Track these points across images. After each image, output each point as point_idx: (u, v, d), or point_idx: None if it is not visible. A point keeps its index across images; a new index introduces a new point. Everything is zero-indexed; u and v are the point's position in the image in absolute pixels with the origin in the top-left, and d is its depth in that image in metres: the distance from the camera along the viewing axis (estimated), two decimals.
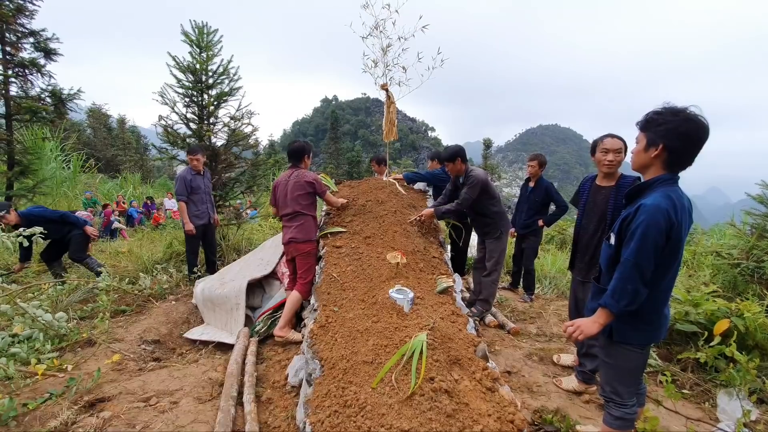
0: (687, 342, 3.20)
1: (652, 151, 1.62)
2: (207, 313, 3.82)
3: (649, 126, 1.64)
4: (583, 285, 2.76)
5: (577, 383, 2.77)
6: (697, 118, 1.55)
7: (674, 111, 1.58)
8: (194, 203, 4.72)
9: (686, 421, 2.47)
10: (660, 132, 1.59)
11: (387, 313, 2.56)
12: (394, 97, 4.52)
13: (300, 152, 3.50)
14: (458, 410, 1.84)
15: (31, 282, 4.30)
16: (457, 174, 3.73)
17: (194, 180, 4.68)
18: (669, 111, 1.59)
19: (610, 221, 2.52)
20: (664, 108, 1.61)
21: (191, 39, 5.74)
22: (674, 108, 1.59)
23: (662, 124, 1.58)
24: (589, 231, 2.68)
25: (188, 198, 4.66)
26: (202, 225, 4.78)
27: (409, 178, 4.48)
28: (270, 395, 2.59)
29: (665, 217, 1.54)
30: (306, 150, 3.54)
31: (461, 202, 3.57)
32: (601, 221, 2.60)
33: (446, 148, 3.81)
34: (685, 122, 1.55)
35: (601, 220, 2.60)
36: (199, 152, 4.77)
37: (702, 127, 1.55)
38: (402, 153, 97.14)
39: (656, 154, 1.61)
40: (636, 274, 1.59)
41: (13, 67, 6.22)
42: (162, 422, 2.28)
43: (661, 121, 1.59)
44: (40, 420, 2.27)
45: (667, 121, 1.57)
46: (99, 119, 30.83)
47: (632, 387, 1.86)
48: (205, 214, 4.81)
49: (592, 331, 1.72)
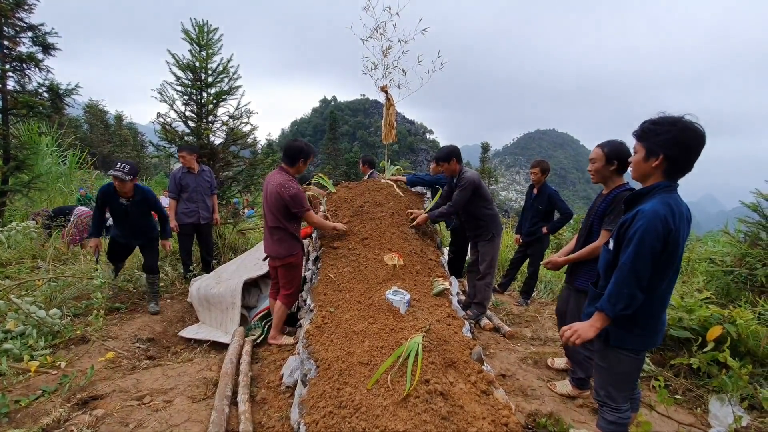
0: (680, 348, 3.22)
1: (652, 161, 1.64)
2: (202, 311, 3.80)
3: (646, 136, 1.66)
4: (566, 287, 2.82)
5: (571, 388, 2.78)
6: (694, 126, 1.58)
7: (672, 121, 1.60)
8: (183, 201, 4.66)
9: (678, 426, 2.49)
10: (659, 142, 1.61)
11: (383, 315, 2.57)
12: (393, 99, 4.54)
13: (295, 153, 3.11)
14: (453, 413, 1.84)
15: (24, 278, 4.27)
16: (451, 174, 3.74)
17: (184, 178, 4.63)
18: (666, 121, 1.61)
19: (590, 227, 2.54)
20: (661, 118, 1.63)
21: (191, 37, 5.74)
22: (671, 118, 1.61)
23: (661, 134, 1.60)
24: (581, 236, 2.70)
25: (178, 196, 4.63)
26: (191, 223, 4.69)
27: (411, 182, 4.48)
28: (264, 395, 2.58)
29: (663, 223, 1.55)
30: (303, 153, 3.13)
31: (453, 204, 3.57)
32: (585, 227, 2.61)
33: (441, 148, 3.79)
34: (683, 131, 1.57)
35: (586, 225, 2.61)
36: (185, 150, 4.64)
37: (700, 135, 1.58)
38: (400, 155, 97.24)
39: (657, 164, 1.63)
40: (632, 278, 1.60)
41: (10, 61, 6.17)
42: (155, 421, 2.27)
43: (659, 132, 1.61)
44: (32, 417, 2.25)
45: (665, 131, 1.59)
46: (96, 115, 30.68)
47: (626, 392, 1.87)
48: (194, 213, 4.70)
49: (588, 335, 1.73)
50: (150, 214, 4.04)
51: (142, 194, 3.80)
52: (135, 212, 3.82)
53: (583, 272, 2.60)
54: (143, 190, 3.83)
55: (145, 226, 3.99)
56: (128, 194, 3.72)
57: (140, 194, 3.80)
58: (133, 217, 3.84)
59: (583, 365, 2.70)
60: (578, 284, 2.63)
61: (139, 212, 3.85)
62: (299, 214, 3.10)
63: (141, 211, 3.86)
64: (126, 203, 3.75)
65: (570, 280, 2.74)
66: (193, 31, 5.75)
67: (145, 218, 3.95)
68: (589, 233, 2.56)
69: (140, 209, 3.84)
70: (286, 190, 3.00)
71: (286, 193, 3.00)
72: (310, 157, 3.21)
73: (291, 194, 3.01)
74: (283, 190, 3.00)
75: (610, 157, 2.41)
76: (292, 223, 3.16)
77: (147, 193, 3.86)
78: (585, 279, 2.56)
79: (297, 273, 3.28)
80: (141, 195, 3.80)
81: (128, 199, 3.74)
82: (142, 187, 3.85)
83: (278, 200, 3.04)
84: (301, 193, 3.08)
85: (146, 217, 3.97)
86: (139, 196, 3.79)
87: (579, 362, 2.73)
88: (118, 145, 27.74)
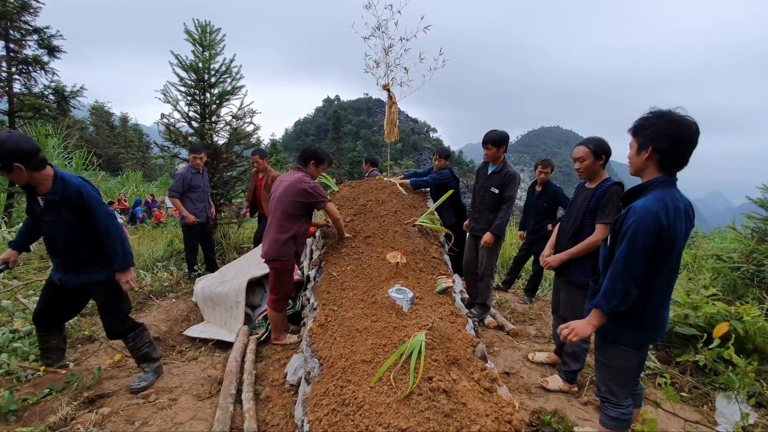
0: (686, 345, 3.19)
1: (643, 155, 1.67)
2: (207, 310, 3.83)
3: (638, 131, 1.69)
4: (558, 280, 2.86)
5: (562, 383, 2.79)
6: (682, 118, 1.59)
7: (659, 114, 1.63)
8: (192, 201, 4.74)
9: (684, 423, 2.47)
10: (647, 135, 1.64)
11: (386, 313, 2.57)
12: (395, 98, 4.53)
13: (308, 156, 3.16)
14: (456, 410, 1.84)
15: (32, 278, 4.31)
16: (493, 161, 3.57)
17: (194, 179, 4.73)
18: (654, 115, 1.64)
19: (580, 222, 2.60)
20: (651, 112, 1.66)
21: (194, 38, 5.76)
22: (659, 111, 1.63)
23: (649, 128, 1.64)
24: (566, 230, 2.73)
25: (185, 195, 4.70)
26: (199, 223, 4.79)
27: (416, 185, 4.45)
28: (269, 393, 2.60)
29: (654, 220, 1.56)
30: (315, 156, 3.16)
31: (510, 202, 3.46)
32: (575, 221, 2.65)
33: (494, 131, 3.49)
34: (669, 124, 1.59)
35: (575, 219, 2.65)
36: (203, 151, 4.81)
37: (687, 126, 1.58)
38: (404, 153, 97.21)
39: (647, 157, 1.65)
40: (626, 274, 1.61)
41: (16, 64, 6.24)
42: (161, 419, 2.29)
43: (647, 125, 1.65)
44: (39, 415, 2.28)
45: (652, 125, 1.62)
46: (102, 117, 30.93)
47: (627, 387, 1.87)
48: (202, 213, 4.82)
49: (586, 333, 1.74)
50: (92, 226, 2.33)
51: (63, 190, 2.22)
52: (54, 222, 2.28)
53: (577, 266, 2.63)
54: (67, 184, 2.24)
55: (80, 249, 2.35)
56: (44, 190, 2.22)
57: (63, 190, 2.22)
58: (53, 230, 2.31)
59: (580, 357, 2.71)
60: (571, 278, 2.67)
61: (62, 222, 2.27)
62: (319, 205, 3.10)
63: (66, 221, 2.27)
64: (41, 205, 2.27)
65: (561, 274, 2.76)
66: (196, 31, 5.77)
67: (77, 234, 2.32)
68: (580, 228, 2.61)
69: (63, 217, 2.26)
70: (305, 183, 3.03)
71: (305, 185, 3.01)
72: (324, 163, 3.23)
73: (311, 186, 3.04)
74: (302, 183, 3.02)
75: (598, 152, 2.52)
76: (296, 223, 3.06)
77: (73, 188, 2.24)
78: (578, 272, 2.62)
79: (284, 280, 3.13)
80: (63, 192, 2.22)
81: (44, 197, 2.25)
82: (68, 179, 2.25)
83: (294, 194, 3.01)
84: (318, 186, 3.11)
85: (80, 232, 2.32)
86: (59, 194, 2.22)
87: (576, 354, 2.72)
88: (123, 147, 27.98)
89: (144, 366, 2.69)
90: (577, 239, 2.62)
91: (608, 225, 2.42)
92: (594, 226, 2.53)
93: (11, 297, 3.56)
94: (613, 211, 2.44)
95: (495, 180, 3.53)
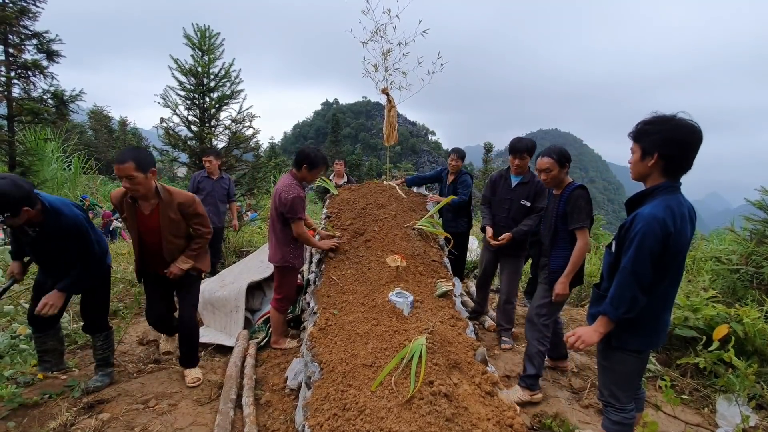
0: (686, 347, 3.20)
1: (648, 161, 1.64)
2: (206, 315, 3.82)
3: (641, 136, 1.67)
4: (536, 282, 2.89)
5: (521, 392, 2.67)
6: (687, 123, 1.58)
7: (664, 119, 1.61)
8: None
9: (685, 426, 2.47)
10: (653, 141, 1.61)
11: (387, 317, 2.56)
12: (394, 101, 4.54)
13: (300, 159, 3.05)
14: (457, 414, 1.84)
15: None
16: (520, 172, 3.36)
17: (203, 182, 4.76)
18: (659, 120, 1.62)
19: (554, 228, 2.64)
20: (654, 117, 1.64)
21: (193, 42, 5.79)
22: (664, 116, 1.62)
23: (654, 134, 1.61)
24: (545, 236, 2.76)
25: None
26: None
27: (411, 181, 4.45)
28: (269, 398, 2.59)
29: (661, 226, 1.55)
30: (307, 159, 3.03)
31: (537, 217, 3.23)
32: (550, 228, 2.69)
33: (520, 139, 3.32)
34: (676, 129, 1.58)
35: (550, 226, 2.69)
36: (211, 155, 4.80)
37: (694, 131, 1.57)
38: (402, 157, 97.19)
39: (652, 164, 1.63)
40: (633, 281, 1.60)
41: (15, 68, 6.24)
42: (161, 424, 2.28)
43: (652, 131, 1.62)
44: (39, 421, 2.27)
45: (659, 131, 1.60)
46: (100, 121, 30.90)
47: (630, 391, 1.86)
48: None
49: (593, 340, 1.74)
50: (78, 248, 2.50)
51: (56, 222, 2.35)
52: (43, 248, 2.48)
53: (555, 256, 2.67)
54: (60, 216, 2.36)
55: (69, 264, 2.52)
56: (34, 221, 2.33)
57: (56, 221, 2.35)
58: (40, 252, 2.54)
59: (535, 360, 2.66)
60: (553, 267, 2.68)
61: (51, 247, 2.47)
62: (290, 219, 2.98)
63: (56, 247, 2.46)
64: (32, 233, 2.37)
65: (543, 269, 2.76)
66: (196, 36, 5.80)
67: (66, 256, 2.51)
68: (555, 233, 2.66)
69: (53, 245, 2.44)
70: (285, 193, 2.94)
71: (284, 195, 2.94)
72: (318, 167, 3.08)
73: (288, 197, 2.92)
74: (283, 193, 2.95)
75: (562, 161, 2.58)
76: (287, 229, 3.05)
77: (68, 221, 2.38)
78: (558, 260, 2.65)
79: (289, 279, 3.20)
80: (56, 224, 2.36)
81: (35, 228, 2.36)
82: (58, 209, 2.36)
83: (276, 202, 3.01)
84: (299, 200, 2.96)
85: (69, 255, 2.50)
86: (52, 226, 2.36)
87: (531, 356, 2.69)
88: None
89: (101, 370, 2.76)
90: (555, 243, 2.67)
91: (583, 229, 2.49)
92: (567, 230, 2.59)
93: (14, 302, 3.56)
94: (582, 214, 2.49)
95: (522, 191, 3.35)
